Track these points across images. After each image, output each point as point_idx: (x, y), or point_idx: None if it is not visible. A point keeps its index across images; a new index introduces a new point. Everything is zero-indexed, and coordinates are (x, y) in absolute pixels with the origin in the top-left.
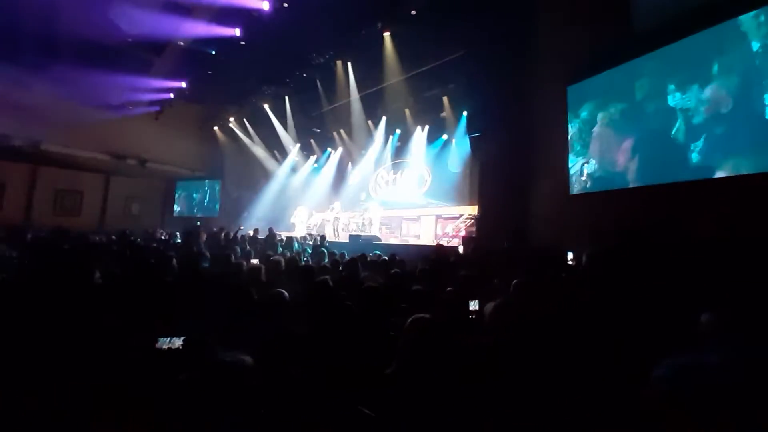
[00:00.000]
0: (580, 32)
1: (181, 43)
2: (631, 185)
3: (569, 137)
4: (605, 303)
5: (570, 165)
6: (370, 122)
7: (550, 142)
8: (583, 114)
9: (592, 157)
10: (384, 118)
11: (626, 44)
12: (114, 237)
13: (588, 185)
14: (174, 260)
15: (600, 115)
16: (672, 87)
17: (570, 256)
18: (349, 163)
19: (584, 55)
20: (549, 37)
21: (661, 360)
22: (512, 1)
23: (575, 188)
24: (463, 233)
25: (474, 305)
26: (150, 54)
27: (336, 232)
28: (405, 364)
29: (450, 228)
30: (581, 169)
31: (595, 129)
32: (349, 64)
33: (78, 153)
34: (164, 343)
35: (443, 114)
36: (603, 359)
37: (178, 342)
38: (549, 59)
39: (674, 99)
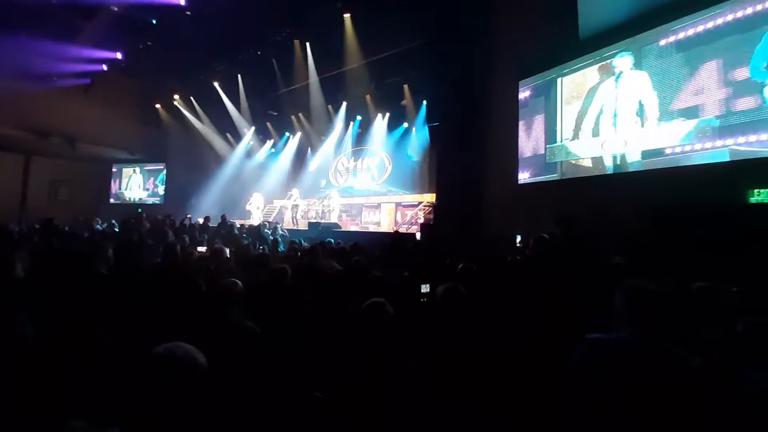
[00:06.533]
0: (532, 31)
1: (115, 9)
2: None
3: None
4: (547, 283)
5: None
6: (330, 107)
7: (503, 133)
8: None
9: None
10: (344, 104)
11: (572, 47)
12: (37, 226)
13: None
14: (110, 250)
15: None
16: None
17: (518, 238)
18: (309, 149)
19: (535, 53)
20: (504, 32)
21: (584, 336)
22: None
23: (526, 178)
24: (421, 220)
25: (426, 289)
26: (77, 18)
27: (295, 220)
28: (358, 347)
29: (409, 215)
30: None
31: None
32: (308, 44)
33: None
34: None
35: (404, 102)
36: (543, 336)
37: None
38: (504, 54)
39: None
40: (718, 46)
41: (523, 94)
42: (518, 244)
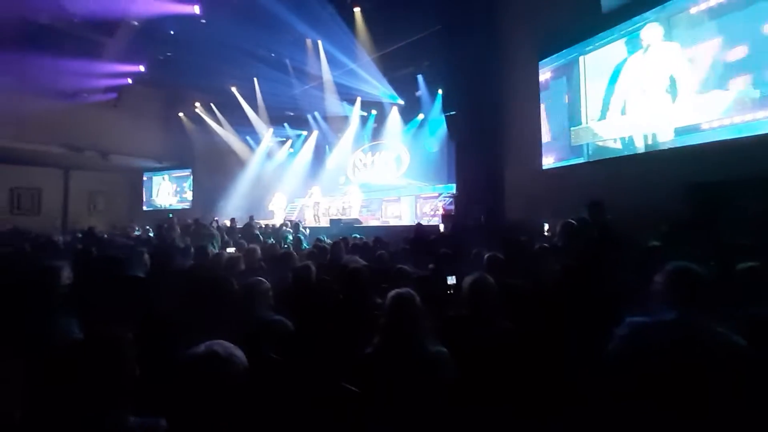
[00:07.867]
0: (551, 8)
1: (135, 23)
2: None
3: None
4: (576, 271)
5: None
6: (345, 103)
7: (524, 117)
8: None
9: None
10: (359, 99)
11: (594, 22)
12: (80, 235)
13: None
14: (146, 255)
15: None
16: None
17: (546, 226)
18: (326, 146)
19: (554, 31)
20: (521, 11)
21: (624, 320)
22: None
23: (549, 162)
24: (442, 211)
25: (452, 280)
26: (101, 35)
27: (316, 217)
28: (387, 339)
29: (430, 207)
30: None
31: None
32: (320, 42)
33: (31, 147)
34: None
35: (418, 93)
36: (574, 325)
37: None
38: (521, 34)
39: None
40: (753, 12)
41: (544, 76)
42: (546, 233)
